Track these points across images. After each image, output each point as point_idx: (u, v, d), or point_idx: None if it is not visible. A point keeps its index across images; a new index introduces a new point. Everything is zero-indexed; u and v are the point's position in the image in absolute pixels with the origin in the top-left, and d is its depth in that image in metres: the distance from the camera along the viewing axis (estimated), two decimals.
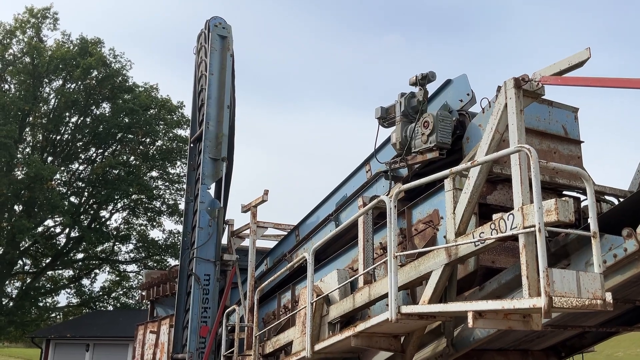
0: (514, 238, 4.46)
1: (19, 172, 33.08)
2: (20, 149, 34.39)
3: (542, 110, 6.09)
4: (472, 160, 4.76)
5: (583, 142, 6.31)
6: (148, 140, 36.06)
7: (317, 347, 6.05)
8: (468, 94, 6.45)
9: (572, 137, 6.23)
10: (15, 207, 34.08)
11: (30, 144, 35.92)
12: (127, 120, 34.64)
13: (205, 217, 9.94)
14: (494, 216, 4.66)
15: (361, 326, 5.40)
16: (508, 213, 4.50)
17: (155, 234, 40.08)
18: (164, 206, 37.05)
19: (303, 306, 6.61)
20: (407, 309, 4.87)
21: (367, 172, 7.70)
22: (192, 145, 11.11)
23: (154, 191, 36.53)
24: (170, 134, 36.42)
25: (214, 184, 10.38)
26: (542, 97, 5.08)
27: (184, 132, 36.59)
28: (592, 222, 4.00)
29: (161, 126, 36.23)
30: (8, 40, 34.74)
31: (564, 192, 6.09)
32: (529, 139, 5.95)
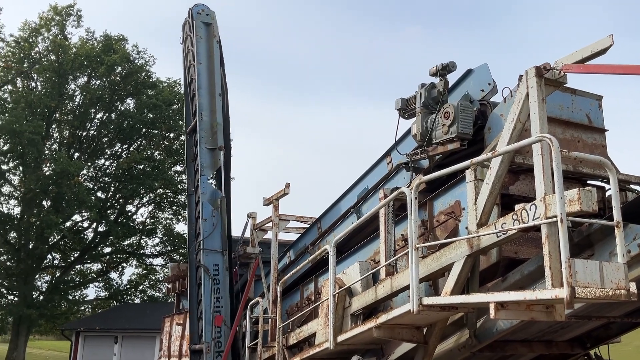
0: (537, 228, 4.42)
1: (46, 168, 33.70)
2: (47, 146, 35.00)
3: (565, 98, 6.01)
4: (492, 151, 4.72)
5: (607, 130, 6.21)
6: (172, 135, 36.41)
7: (340, 338, 6.08)
8: (489, 84, 6.38)
9: (596, 125, 6.14)
10: (44, 203, 34.73)
11: (57, 140, 36.53)
12: (151, 116, 35.01)
13: (208, 208, 9.86)
14: (516, 207, 4.63)
15: (383, 317, 5.41)
16: (530, 203, 4.46)
17: (180, 227, 40.47)
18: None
19: (325, 298, 6.64)
20: (428, 301, 4.86)
21: (388, 163, 7.68)
22: (188, 136, 10.92)
23: (179, 185, 36.89)
24: None
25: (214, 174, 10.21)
26: (565, 85, 5.02)
27: None
28: (616, 211, 3.95)
29: (184, 121, 36.53)
30: (33, 38, 35.31)
31: (588, 182, 6.00)
32: (552, 128, 5.88)
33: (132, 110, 35.79)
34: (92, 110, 35.79)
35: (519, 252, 5.56)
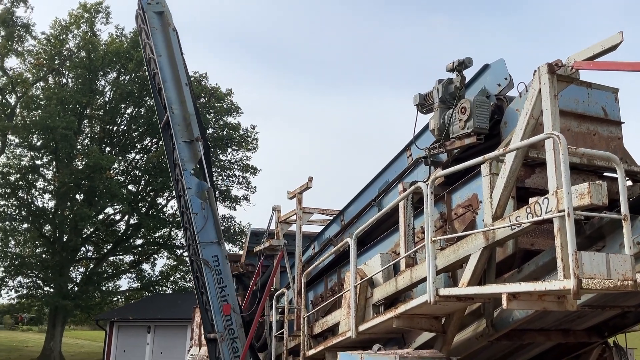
0: (551, 220, 4.55)
1: (79, 163, 34.57)
2: (79, 141, 35.86)
3: (580, 92, 6.09)
4: (504, 147, 4.87)
5: (623, 122, 6.27)
6: None
7: (362, 327, 6.30)
8: (506, 78, 6.49)
9: (612, 118, 6.20)
10: (77, 196, 35.64)
11: (89, 135, 37.39)
12: None
13: (196, 202, 9.75)
14: (530, 200, 4.77)
15: (402, 308, 5.61)
16: (543, 197, 4.60)
17: None
18: (217, 192, 38.01)
19: (348, 289, 6.86)
20: (444, 292, 5.05)
21: (408, 157, 7.83)
22: (163, 130, 10.58)
23: None
24: (221, 122, 37.21)
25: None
26: (578, 80, 5.12)
27: (234, 120, 37.32)
28: (623, 205, 4.08)
29: (211, 114, 37.07)
30: (64, 35, 36.11)
31: (605, 174, 6.08)
32: (568, 122, 5.99)
33: None
34: (122, 105, 36.54)
35: (535, 244, 5.69)
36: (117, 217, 38.05)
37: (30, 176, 35.88)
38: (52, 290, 35.34)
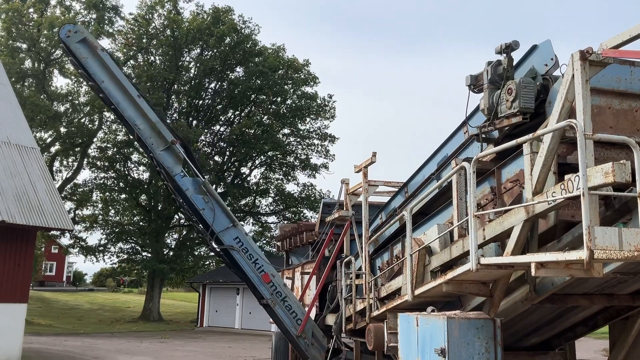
0: None
1: None
2: (168, 115, 37.99)
3: (623, 71, 6.35)
4: (533, 133, 5.37)
5: None
6: (279, 99, 38.16)
7: (417, 291, 7.01)
8: (552, 59, 6.82)
9: None
10: None
11: (177, 110, 39.46)
12: (258, 82, 36.84)
13: (198, 199, 10.19)
14: (566, 177, 5.25)
15: (450, 274, 6.26)
16: (575, 175, 5.07)
17: (290, 187, 43.03)
18: (296, 161, 39.27)
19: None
20: (485, 260, 5.65)
21: (464, 133, 8.32)
22: (140, 142, 10.70)
23: (287, 147, 38.77)
24: (299, 92, 38.18)
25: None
26: (609, 64, 5.46)
27: (311, 90, 38.15)
28: (638, 184, 4.52)
29: (290, 85, 38.10)
30: (150, 15, 38.02)
31: None
32: (609, 100, 6.32)
33: (241, 78, 37.82)
34: (206, 80, 38.23)
35: (576, 216, 6.10)
36: None
37: (125, 150, 38.52)
38: (149, 255, 38.13)
